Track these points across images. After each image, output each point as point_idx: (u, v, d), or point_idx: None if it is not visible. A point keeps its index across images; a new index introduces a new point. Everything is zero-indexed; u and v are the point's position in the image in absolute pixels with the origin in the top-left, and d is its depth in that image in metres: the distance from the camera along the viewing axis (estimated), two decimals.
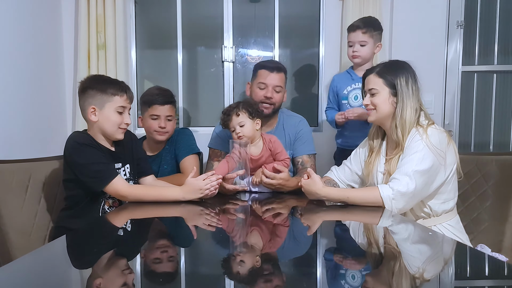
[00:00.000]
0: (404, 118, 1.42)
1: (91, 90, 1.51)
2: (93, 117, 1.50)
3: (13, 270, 0.83)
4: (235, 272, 0.82)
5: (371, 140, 1.59)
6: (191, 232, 1.19)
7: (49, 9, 2.43)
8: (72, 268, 0.89)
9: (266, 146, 1.72)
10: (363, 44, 1.98)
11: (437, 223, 1.46)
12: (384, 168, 1.51)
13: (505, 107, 2.68)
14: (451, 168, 1.43)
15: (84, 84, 1.54)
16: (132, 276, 0.79)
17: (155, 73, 2.86)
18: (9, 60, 2.00)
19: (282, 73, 1.93)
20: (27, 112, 2.14)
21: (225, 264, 0.88)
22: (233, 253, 0.98)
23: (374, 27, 2.00)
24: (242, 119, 1.67)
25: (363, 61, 2.03)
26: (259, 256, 0.93)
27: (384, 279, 0.79)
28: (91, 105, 1.50)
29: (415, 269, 0.85)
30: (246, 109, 1.68)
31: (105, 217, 1.44)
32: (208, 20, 2.80)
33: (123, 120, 1.54)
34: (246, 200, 1.66)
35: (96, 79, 1.57)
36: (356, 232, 1.22)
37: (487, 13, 2.65)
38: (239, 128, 1.67)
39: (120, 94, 1.52)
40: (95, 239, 1.13)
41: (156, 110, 1.93)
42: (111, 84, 1.53)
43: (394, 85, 1.44)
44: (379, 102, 1.47)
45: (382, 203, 1.35)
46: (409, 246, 1.05)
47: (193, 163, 1.97)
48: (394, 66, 1.49)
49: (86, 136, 1.52)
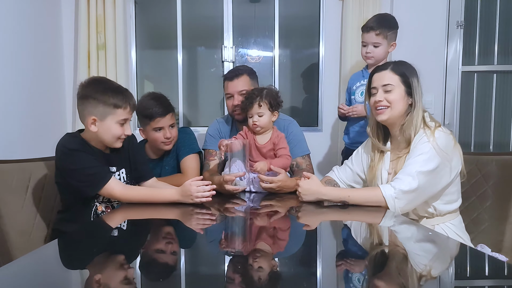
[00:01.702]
0: (416, 118, 1.41)
1: (93, 100, 1.42)
2: (93, 128, 1.43)
3: (13, 270, 0.83)
4: (234, 273, 0.82)
5: (375, 139, 1.55)
6: (189, 234, 1.19)
7: (49, 9, 2.43)
8: (72, 268, 0.89)
9: (271, 140, 1.75)
10: (376, 45, 1.96)
11: (440, 222, 1.46)
12: (391, 167, 1.50)
13: (505, 107, 2.68)
14: (457, 171, 1.42)
15: (85, 90, 1.44)
16: (132, 276, 0.79)
17: (155, 73, 2.86)
18: (9, 60, 2.00)
19: (244, 75, 1.93)
20: (27, 112, 2.14)
21: (223, 265, 0.88)
22: (231, 255, 0.98)
23: (388, 27, 1.96)
24: (263, 110, 1.70)
25: (376, 62, 1.99)
26: (261, 257, 0.93)
27: (385, 279, 0.79)
28: (91, 115, 1.42)
29: (416, 269, 0.85)
30: (268, 100, 1.71)
31: (102, 219, 1.43)
32: (208, 20, 2.80)
33: (124, 132, 1.48)
34: (245, 200, 1.66)
35: (98, 87, 1.45)
36: (358, 232, 1.22)
37: (487, 13, 2.65)
38: (256, 118, 1.71)
39: (123, 106, 1.44)
40: (92, 240, 1.13)
41: (159, 123, 1.88)
42: (115, 95, 1.43)
43: (409, 84, 1.43)
44: (396, 99, 1.42)
45: (384, 202, 1.35)
46: (410, 246, 1.05)
47: (193, 163, 1.97)
48: (406, 65, 1.47)
49: (77, 140, 1.46)
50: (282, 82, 2.78)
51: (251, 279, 0.78)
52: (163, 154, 2.05)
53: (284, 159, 1.73)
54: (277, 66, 2.76)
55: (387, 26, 1.96)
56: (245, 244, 1.06)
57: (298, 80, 2.85)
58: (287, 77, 2.82)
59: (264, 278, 0.78)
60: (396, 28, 2.02)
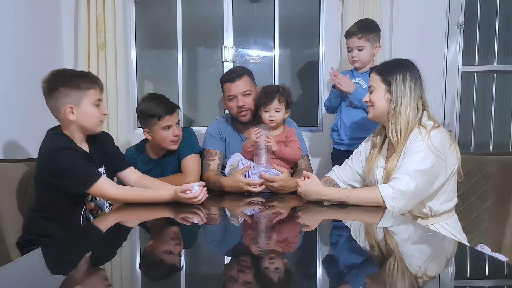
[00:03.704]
0: (398, 116, 1.43)
1: (63, 88, 1.41)
2: (71, 116, 1.42)
3: (13, 270, 0.83)
4: (234, 273, 0.82)
5: (375, 136, 1.61)
6: (189, 234, 1.19)
7: (49, 9, 2.43)
8: (71, 268, 0.89)
9: (284, 133, 1.80)
10: (360, 49, 2.02)
11: (435, 222, 1.46)
12: (384, 163, 1.51)
13: (505, 107, 2.68)
14: (452, 170, 1.43)
15: (51, 83, 1.43)
16: (131, 275, 0.80)
17: (155, 73, 2.86)
18: (9, 60, 2.00)
19: (244, 76, 1.93)
20: (27, 112, 2.14)
21: (223, 266, 0.88)
22: (231, 254, 0.98)
23: (369, 30, 2.02)
24: (281, 106, 1.76)
25: (363, 65, 2.06)
26: (259, 256, 0.93)
27: (384, 280, 0.79)
28: (66, 104, 1.41)
29: (416, 269, 0.85)
30: (285, 97, 1.77)
31: (97, 221, 1.42)
32: (208, 20, 2.80)
33: (101, 111, 1.48)
34: (245, 199, 1.66)
35: (63, 76, 1.45)
36: (357, 232, 1.22)
37: (487, 13, 2.65)
38: (274, 113, 1.76)
39: (93, 86, 1.45)
40: (87, 242, 1.13)
41: (168, 121, 1.90)
42: (82, 78, 1.45)
43: (389, 83, 1.46)
44: (376, 99, 1.49)
45: (382, 202, 1.35)
46: (410, 246, 1.05)
47: (194, 163, 1.97)
48: (393, 64, 1.51)
49: (63, 138, 1.44)
50: (282, 82, 2.76)
51: (251, 279, 0.78)
52: (164, 154, 2.04)
53: (295, 150, 1.75)
54: (277, 66, 2.76)
55: (368, 29, 2.02)
56: (245, 244, 1.06)
57: (298, 80, 2.85)
58: (287, 77, 2.81)
59: (264, 277, 0.78)
60: (377, 30, 2.07)
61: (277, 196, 1.67)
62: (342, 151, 2.10)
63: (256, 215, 1.44)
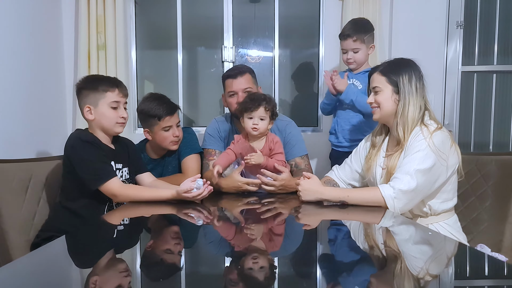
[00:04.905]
0: (406, 116, 1.43)
1: (85, 90, 1.56)
2: (90, 116, 1.55)
3: (13, 270, 0.83)
4: (234, 273, 0.82)
5: (374, 136, 1.60)
6: (190, 234, 1.19)
7: (49, 10, 2.43)
8: (73, 267, 0.89)
9: (267, 144, 1.71)
10: (356, 51, 2.01)
11: (434, 221, 1.46)
12: (384, 163, 1.51)
13: (505, 107, 2.68)
14: (453, 169, 1.43)
15: (79, 85, 1.59)
16: (131, 275, 0.80)
17: (155, 74, 2.86)
18: (10, 60, 2.00)
19: (247, 74, 1.93)
20: (28, 112, 2.14)
21: (223, 265, 0.88)
22: (231, 254, 0.98)
23: (364, 31, 2.00)
24: (266, 115, 1.68)
25: (358, 66, 2.06)
26: (257, 256, 0.93)
27: (385, 280, 0.79)
28: (86, 104, 1.55)
29: (416, 269, 0.85)
30: (271, 107, 1.69)
31: (104, 217, 1.43)
32: (208, 20, 2.80)
33: (119, 114, 1.57)
34: (245, 199, 1.66)
35: (88, 79, 1.62)
36: (357, 233, 1.22)
37: (487, 13, 2.65)
38: (257, 120, 1.67)
39: (111, 89, 1.55)
40: (95, 239, 1.13)
41: (168, 122, 1.90)
42: (102, 81, 1.58)
43: (396, 83, 1.45)
44: (382, 100, 1.48)
45: (383, 202, 1.35)
46: (410, 247, 1.05)
47: (194, 163, 1.97)
48: (398, 64, 1.50)
49: (88, 134, 1.56)
50: (282, 82, 2.78)
51: (251, 279, 0.78)
52: (164, 154, 2.05)
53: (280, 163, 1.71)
54: (277, 66, 2.76)
55: (363, 30, 2.00)
56: (245, 244, 1.06)
57: (298, 80, 2.85)
58: (287, 77, 2.82)
59: (264, 278, 0.78)
60: (371, 30, 2.05)
61: (277, 196, 1.67)
62: (341, 152, 2.10)
63: (256, 215, 1.44)
